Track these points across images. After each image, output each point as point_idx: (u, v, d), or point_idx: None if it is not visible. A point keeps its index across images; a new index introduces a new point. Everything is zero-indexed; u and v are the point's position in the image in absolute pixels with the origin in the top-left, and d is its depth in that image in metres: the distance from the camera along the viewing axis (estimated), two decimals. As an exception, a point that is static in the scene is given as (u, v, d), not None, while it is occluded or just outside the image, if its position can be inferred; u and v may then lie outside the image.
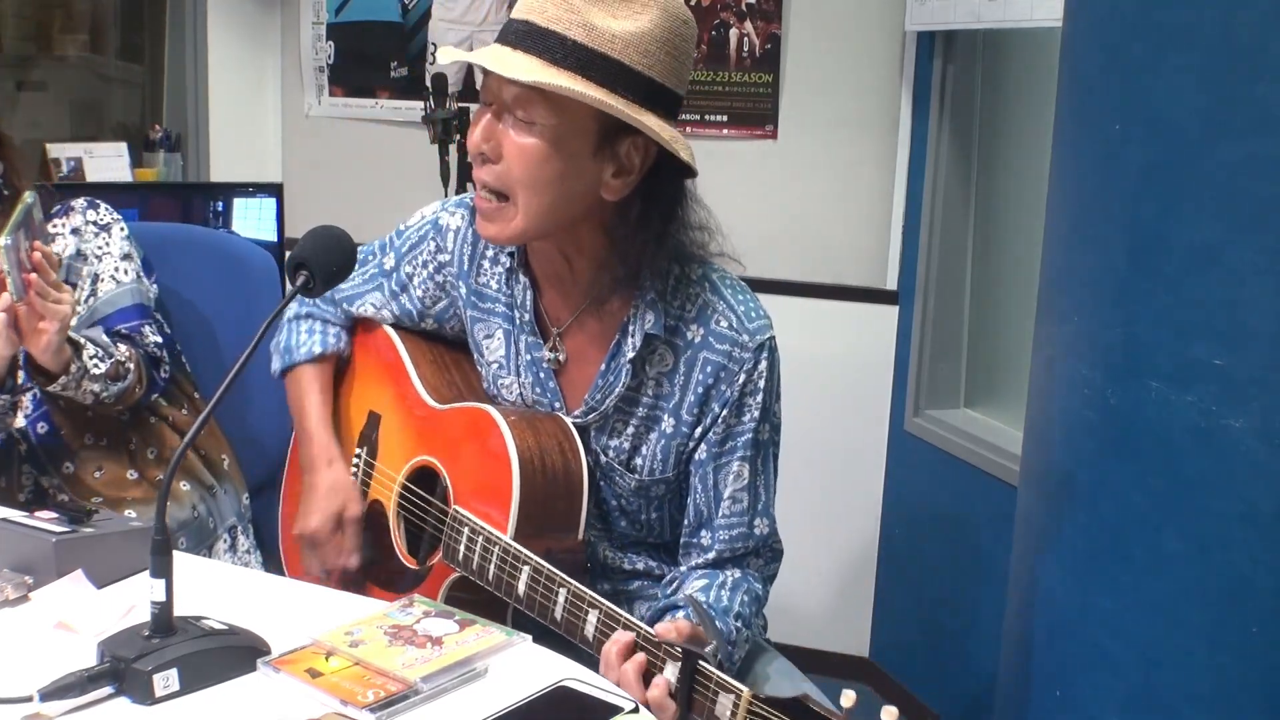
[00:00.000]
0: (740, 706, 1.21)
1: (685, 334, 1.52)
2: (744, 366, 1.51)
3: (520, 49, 1.40)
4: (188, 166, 3.70)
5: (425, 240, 1.67)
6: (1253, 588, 1.38)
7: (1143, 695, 1.48)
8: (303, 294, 1.40)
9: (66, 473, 1.99)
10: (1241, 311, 1.36)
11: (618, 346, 1.54)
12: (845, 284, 3.20)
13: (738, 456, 1.54)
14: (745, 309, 1.53)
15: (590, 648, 1.38)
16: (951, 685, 2.95)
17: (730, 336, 1.51)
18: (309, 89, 3.79)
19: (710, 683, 1.25)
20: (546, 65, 1.38)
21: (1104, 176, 1.53)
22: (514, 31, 1.42)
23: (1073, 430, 1.57)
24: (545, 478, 1.50)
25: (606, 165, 1.44)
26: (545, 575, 1.42)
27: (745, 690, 1.22)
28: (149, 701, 1.17)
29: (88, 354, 1.85)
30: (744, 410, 1.53)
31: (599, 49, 1.38)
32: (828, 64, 3.13)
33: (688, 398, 1.53)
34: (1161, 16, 1.42)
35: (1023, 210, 2.83)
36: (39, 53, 3.97)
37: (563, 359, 1.59)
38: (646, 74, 1.41)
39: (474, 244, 1.63)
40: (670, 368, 1.54)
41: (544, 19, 1.39)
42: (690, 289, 1.53)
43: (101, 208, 2.05)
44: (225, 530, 2.12)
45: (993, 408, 3.02)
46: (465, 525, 1.50)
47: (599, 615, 1.37)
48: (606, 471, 1.59)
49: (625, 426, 1.56)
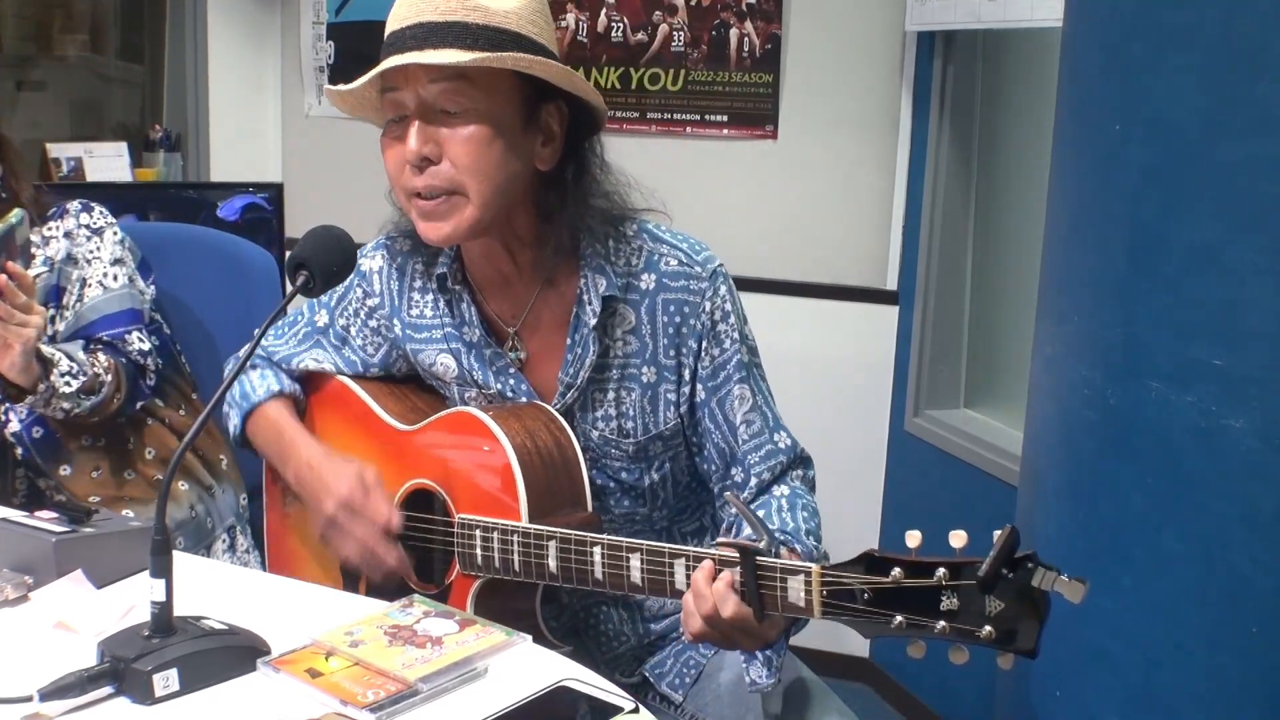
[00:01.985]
0: (814, 583, 1.22)
1: (639, 286, 1.54)
2: (705, 295, 1.53)
3: (426, 47, 1.41)
4: (188, 166, 3.70)
5: (351, 289, 1.67)
6: (1253, 588, 1.38)
7: (1143, 695, 1.48)
8: (303, 294, 1.40)
9: (63, 474, 1.98)
10: (1241, 311, 1.36)
11: (577, 319, 1.54)
12: (845, 284, 3.20)
13: (735, 381, 1.55)
14: (688, 245, 1.56)
15: (641, 591, 1.39)
16: (951, 685, 2.94)
17: (682, 272, 1.53)
18: (309, 89, 3.79)
19: (775, 573, 1.25)
20: (464, 50, 1.41)
21: (1104, 176, 1.53)
22: (410, 36, 1.43)
23: (1073, 430, 1.57)
24: (541, 459, 1.50)
25: (535, 136, 1.48)
26: (575, 541, 1.42)
27: (814, 566, 1.23)
28: (149, 701, 1.17)
29: (59, 371, 1.84)
30: (721, 337, 1.55)
31: (500, 25, 1.42)
32: (828, 64, 3.14)
33: (660, 342, 1.54)
34: (1161, 16, 1.42)
35: (1023, 210, 2.83)
36: (39, 53, 3.97)
37: (524, 356, 1.59)
38: (539, 41, 1.46)
39: (399, 279, 1.64)
40: (634, 324, 1.55)
41: (438, 14, 1.42)
42: (631, 244, 1.55)
43: (95, 210, 2.04)
44: (224, 530, 2.12)
45: (993, 408, 3.02)
46: (476, 529, 1.49)
47: (641, 556, 1.37)
48: (601, 448, 1.58)
49: (605, 395, 1.56)
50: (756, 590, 1.26)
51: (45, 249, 1.96)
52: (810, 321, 3.21)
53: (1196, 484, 1.41)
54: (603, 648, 1.65)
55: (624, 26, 3.30)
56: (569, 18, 3.35)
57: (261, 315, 1.46)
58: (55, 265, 1.97)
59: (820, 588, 1.22)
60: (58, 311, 1.97)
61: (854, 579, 1.20)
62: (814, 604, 1.23)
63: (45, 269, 1.95)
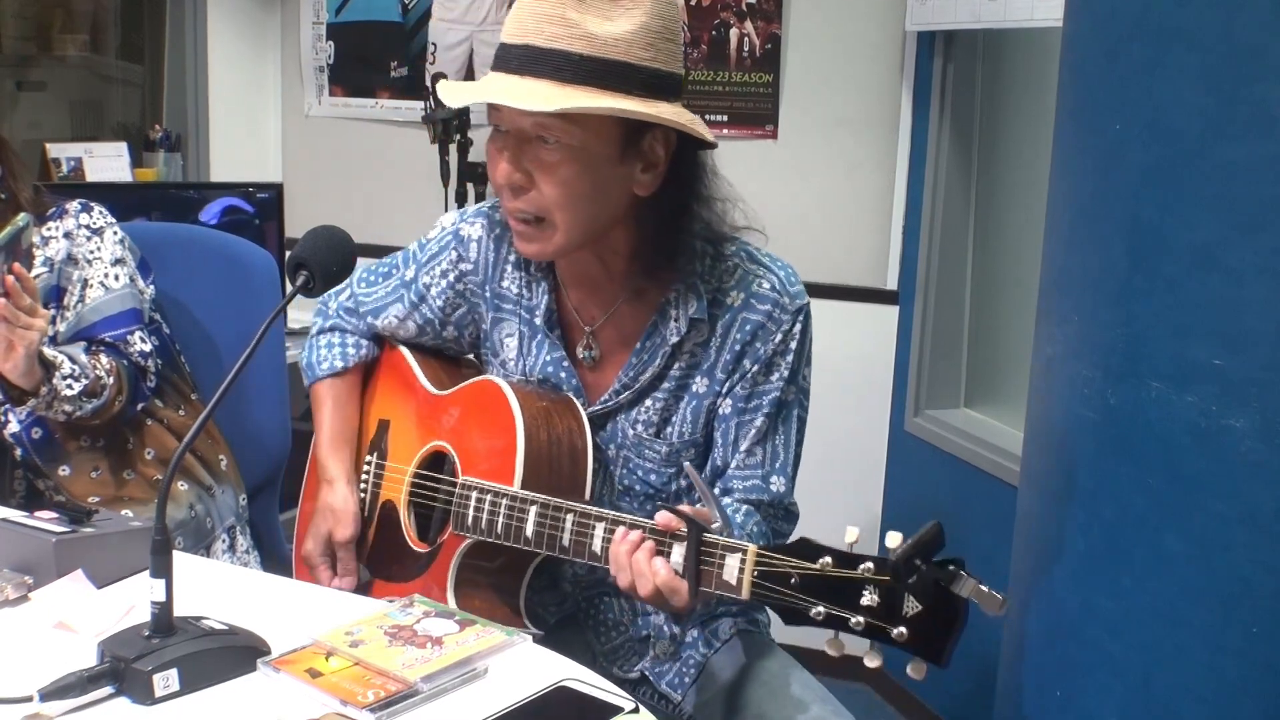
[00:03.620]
0: (748, 562, 1.23)
1: (724, 301, 1.55)
2: (781, 327, 1.54)
3: (527, 74, 1.39)
4: (188, 166, 3.70)
5: (445, 250, 1.67)
6: (1253, 588, 1.38)
7: (1143, 695, 1.48)
8: (303, 294, 1.40)
9: (62, 475, 1.98)
10: (1241, 311, 1.36)
11: (654, 327, 1.55)
12: (845, 284, 3.20)
13: (762, 414, 1.56)
14: (785, 274, 1.57)
15: (599, 561, 1.40)
16: (951, 685, 2.94)
17: (772, 297, 1.54)
18: (309, 89, 3.79)
19: (715, 549, 1.26)
20: (559, 86, 1.37)
21: (1104, 176, 1.52)
22: (515, 57, 1.41)
23: (1073, 430, 1.57)
24: (549, 438, 1.52)
25: (634, 164, 1.46)
26: (552, 507, 1.44)
27: (751, 545, 1.24)
28: (149, 701, 1.17)
29: (61, 374, 1.85)
30: (773, 369, 1.55)
31: (605, 56, 1.38)
32: (828, 64, 3.14)
33: (723, 357, 1.55)
34: (1161, 16, 1.42)
35: (1023, 210, 2.83)
36: (39, 53, 3.97)
37: (597, 355, 1.60)
38: (652, 66, 1.41)
39: (495, 251, 1.64)
40: (705, 337, 1.55)
41: (544, 39, 1.38)
42: (726, 264, 1.56)
43: (95, 211, 2.04)
44: (224, 531, 2.12)
45: (993, 408, 3.02)
46: (474, 489, 1.52)
47: (604, 526, 1.39)
48: (635, 446, 1.60)
49: (655, 401, 1.58)
50: (696, 565, 1.28)
51: (45, 249, 1.96)
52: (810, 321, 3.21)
53: (1196, 484, 1.41)
54: (601, 638, 1.65)
55: (624, 26, 3.30)
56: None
57: (261, 315, 1.46)
58: (55, 266, 1.97)
59: (754, 568, 1.23)
60: (58, 312, 1.97)
61: (784, 561, 1.20)
62: (744, 584, 1.24)
63: (45, 269, 1.95)
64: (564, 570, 1.66)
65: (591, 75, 1.38)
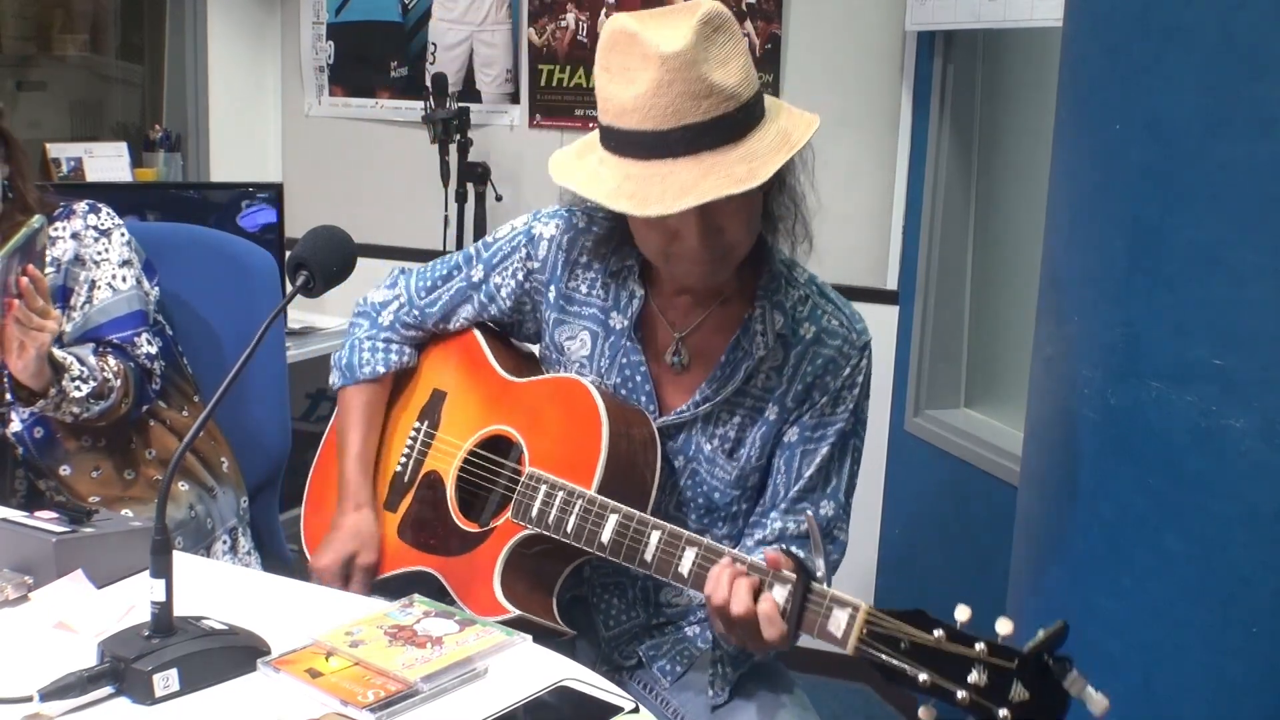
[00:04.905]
0: (858, 618, 1.26)
1: (798, 330, 1.59)
2: (850, 361, 1.59)
3: (699, 151, 1.39)
4: (188, 166, 3.70)
5: (517, 250, 1.68)
6: (1253, 588, 1.38)
7: (1143, 695, 1.48)
8: (303, 294, 1.40)
9: (63, 474, 1.98)
10: (1241, 311, 1.36)
11: (738, 341, 1.58)
12: (845, 284, 3.19)
13: (827, 443, 1.59)
14: (849, 312, 1.63)
15: (685, 583, 1.42)
16: (951, 685, 2.94)
17: (841, 334, 1.59)
18: (309, 89, 3.79)
19: (824, 600, 1.29)
20: (735, 145, 1.40)
21: (1104, 176, 1.52)
22: (677, 141, 1.39)
23: (1073, 430, 1.57)
24: (629, 447, 1.54)
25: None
26: (636, 520, 1.46)
27: (862, 603, 1.26)
28: (149, 701, 1.17)
29: (70, 376, 1.85)
30: (840, 403, 1.59)
31: (746, 100, 1.43)
32: (828, 64, 3.13)
33: (794, 388, 1.59)
34: (1161, 16, 1.42)
35: (1023, 210, 2.83)
36: (39, 53, 3.97)
37: (685, 361, 1.62)
38: (760, 82, 1.48)
39: (568, 250, 1.65)
40: (780, 362, 1.59)
41: (701, 114, 1.39)
42: (799, 290, 1.62)
43: (103, 212, 2.04)
44: (225, 532, 2.12)
45: (993, 408, 3.02)
46: (542, 484, 1.53)
47: (698, 551, 1.41)
48: (709, 462, 1.62)
49: (732, 416, 1.60)
50: (800, 611, 1.30)
51: (52, 249, 1.96)
52: (810, 321, 3.21)
53: (1196, 484, 1.41)
54: (610, 622, 1.66)
55: (624, 26, 3.30)
56: (569, 18, 3.35)
57: (261, 315, 1.47)
58: (62, 266, 1.97)
59: (864, 625, 1.25)
60: (65, 312, 1.97)
61: (897, 626, 1.23)
62: (851, 639, 1.26)
63: (52, 270, 1.95)
64: None
65: (744, 124, 1.43)
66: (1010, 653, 1.17)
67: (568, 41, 3.36)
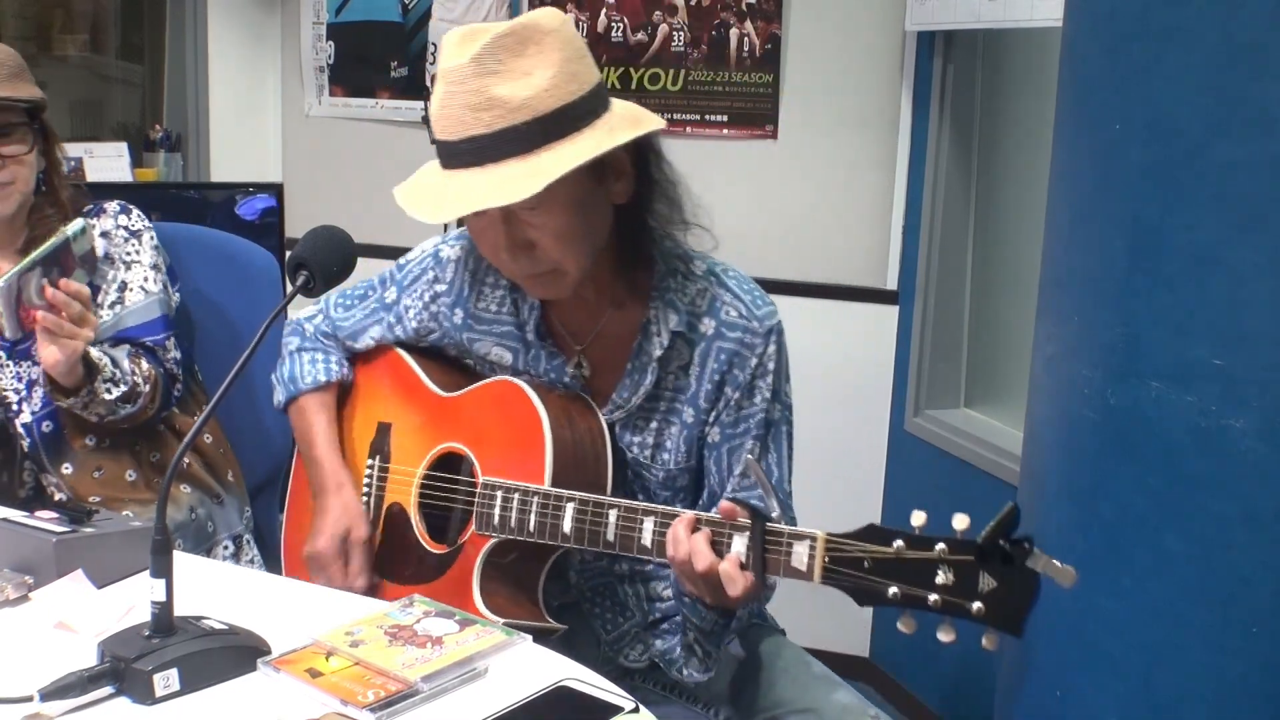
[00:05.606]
0: (819, 547, 1.27)
1: (699, 328, 1.57)
2: (755, 351, 1.56)
3: (487, 163, 1.39)
4: (188, 166, 3.70)
5: (425, 272, 1.70)
6: (1253, 588, 1.38)
7: (1143, 695, 1.48)
8: (303, 294, 1.41)
9: (65, 473, 1.98)
10: (1241, 311, 1.36)
11: (640, 347, 1.57)
12: (845, 284, 3.20)
13: (750, 436, 1.58)
14: (751, 298, 1.59)
15: (649, 554, 1.42)
16: (951, 685, 2.95)
17: (741, 324, 1.56)
18: (309, 89, 3.79)
19: (782, 537, 1.30)
20: (523, 160, 1.38)
21: (1104, 176, 1.52)
22: (465, 151, 1.40)
23: (1073, 430, 1.57)
24: (573, 436, 1.54)
25: (608, 180, 1.49)
26: (592, 503, 1.46)
27: (819, 532, 1.27)
28: (149, 701, 1.17)
29: (103, 379, 1.86)
30: (755, 392, 1.57)
31: (546, 111, 1.39)
32: (828, 64, 3.13)
33: (704, 387, 1.58)
34: (1161, 16, 1.42)
35: (1023, 210, 2.83)
36: (39, 53, 3.97)
37: (588, 374, 1.62)
38: (582, 93, 1.42)
39: (474, 271, 1.66)
40: (687, 361, 1.58)
41: (484, 126, 1.38)
42: (697, 284, 1.58)
43: (134, 213, 2.06)
44: (229, 538, 2.11)
45: (993, 408, 3.02)
46: (498, 490, 1.53)
47: (655, 519, 1.42)
48: (635, 468, 1.62)
49: (649, 422, 1.60)
50: (762, 552, 1.30)
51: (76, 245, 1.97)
52: (810, 321, 3.20)
53: (1196, 484, 1.41)
54: (608, 625, 1.66)
55: (624, 26, 3.30)
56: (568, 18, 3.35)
57: (261, 315, 1.46)
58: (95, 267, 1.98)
59: (825, 554, 1.26)
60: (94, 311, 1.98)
61: (857, 547, 1.24)
62: (816, 569, 1.27)
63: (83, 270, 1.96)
64: (571, 559, 1.67)
65: (542, 136, 1.39)
66: (969, 545, 1.18)
67: (568, 41, 3.36)
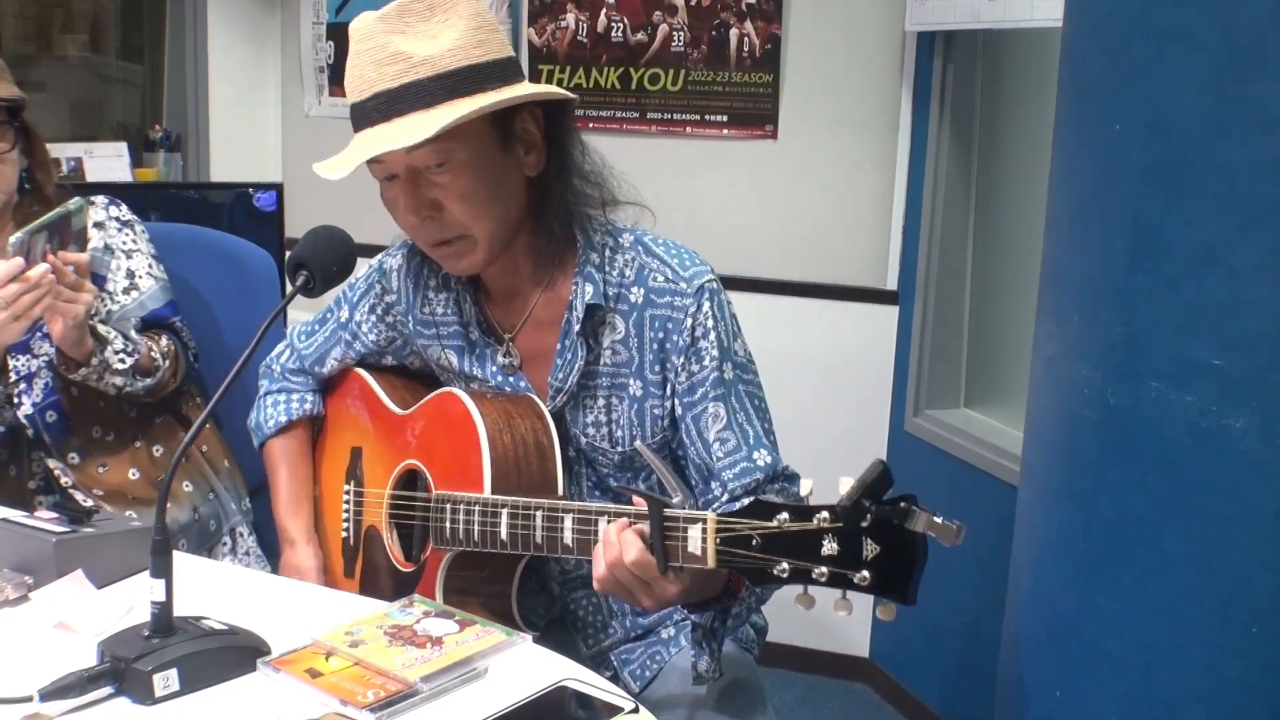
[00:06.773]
0: (709, 529, 1.22)
1: (629, 298, 1.56)
2: (688, 312, 1.53)
3: (393, 117, 1.44)
4: (188, 166, 3.70)
5: (372, 286, 1.73)
6: (1253, 588, 1.38)
7: (1143, 695, 1.48)
8: (303, 294, 1.41)
9: (72, 463, 1.99)
10: (1241, 311, 1.36)
11: (568, 324, 1.57)
12: (845, 284, 3.20)
13: (710, 399, 1.55)
14: (679, 261, 1.57)
15: (572, 553, 1.41)
16: (951, 685, 2.95)
17: (668, 288, 1.55)
18: (309, 89, 3.79)
19: (678, 522, 1.25)
20: (424, 113, 1.43)
21: (1104, 176, 1.52)
22: (372, 109, 1.46)
23: (1073, 430, 1.57)
24: (513, 439, 1.53)
25: (516, 149, 1.52)
26: (522, 507, 1.45)
27: (710, 514, 1.23)
28: (149, 701, 1.17)
29: (113, 349, 1.89)
30: (701, 354, 1.54)
31: (448, 69, 1.44)
32: (828, 64, 3.13)
33: (646, 357, 1.56)
34: (1161, 16, 1.42)
35: (1023, 210, 2.83)
36: (39, 53, 3.97)
37: (516, 362, 1.63)
38: (489, 60, 1.47)
39: (416, 277, 1.68)
40: (623, 335, 1.57)
41: (390, 80, 1.44)
42: (625, 255, 1.58)
43: (123, 206, 2.09)
44: (226, 532, 2.12)
45: (993, 408, 3.02)
46: (448, 503, 1.53)
47: (573, 517, 1.40)
48: (589, 453, 1.61)
49: (595, 400, 1.59)
50: (662, 540, 1.27)
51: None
52: (810, 321, 3.21)
53: (1196, 484, 1.41)
54: (589, 640, 1.66)
55: (624, 26, 3.30)
56: (569, 18, 3.35)
57: (261, 315, 1.47)
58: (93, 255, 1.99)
59: (715, 535, 1.22)
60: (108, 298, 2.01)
61: (744, 524, 1.19)
62: (709, 552, 1.23)
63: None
64: (550, 570, 1.66)
65: (445, 91, 1.44)
66: (840, 511, 1.14)
67: (568, 42, 3.36)
